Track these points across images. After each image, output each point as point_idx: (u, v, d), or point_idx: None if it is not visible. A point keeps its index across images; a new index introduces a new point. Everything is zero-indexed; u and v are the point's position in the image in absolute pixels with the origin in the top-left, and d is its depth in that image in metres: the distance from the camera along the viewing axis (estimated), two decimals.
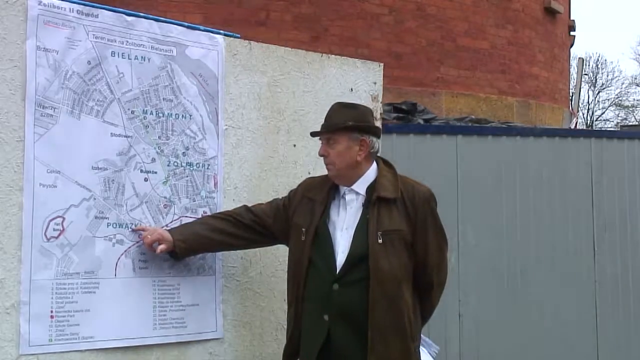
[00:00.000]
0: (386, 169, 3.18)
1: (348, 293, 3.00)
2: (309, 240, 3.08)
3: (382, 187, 3.07)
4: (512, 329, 5.73)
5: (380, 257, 2.98)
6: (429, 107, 7.67)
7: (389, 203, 3.05)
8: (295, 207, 3.20)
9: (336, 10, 8.14)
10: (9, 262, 2.83)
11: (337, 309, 3.00)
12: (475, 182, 5.66)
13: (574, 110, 12.30)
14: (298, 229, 3.13)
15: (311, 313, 3.07)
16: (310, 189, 3.21)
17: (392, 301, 2.98)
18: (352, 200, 3.12)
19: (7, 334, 2.81)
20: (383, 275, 2.97)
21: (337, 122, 3.12)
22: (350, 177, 3.12)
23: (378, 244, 2.99)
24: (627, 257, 6.27)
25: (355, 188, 3.12)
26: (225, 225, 3.20)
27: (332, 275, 3.03)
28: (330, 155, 3.09)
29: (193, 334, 3.28)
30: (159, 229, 3.15)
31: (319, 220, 3.10)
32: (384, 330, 2.96)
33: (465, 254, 5.54)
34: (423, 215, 3.08)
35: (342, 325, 3.00)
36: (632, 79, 39.19)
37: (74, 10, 3.04)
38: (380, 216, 3.02)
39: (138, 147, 3.18)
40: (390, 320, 2.97)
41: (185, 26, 3.40)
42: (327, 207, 3.13)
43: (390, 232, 3.01)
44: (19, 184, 2.87)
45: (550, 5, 10.59)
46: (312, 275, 3.07)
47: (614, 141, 6.37)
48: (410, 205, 3.07)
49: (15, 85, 2.87)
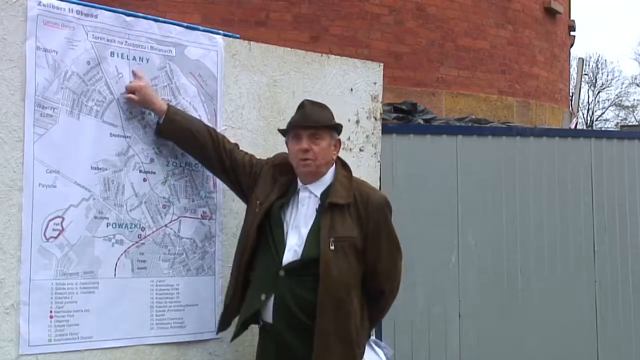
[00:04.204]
0: (343, 172, 3.17)
1: (293, 285, 3.01)
2: (260, 215, 3.10)
3: (336, 193, 3.07)
4: (512, 329, 5.72)
5: (331, 264, 2.98)
6: (429, 107, 7.66)
7: (342, 208, 3.05)
8: (261, 176, 3.21)
9: (336, 10, 8.14)
10: (8, 262, 2.83)
11: (279, 295, 3.01)
12: (475, 182, 5.65)
13: (574, 110, 12.29)
14: (254, 199, 3.15)
15: (253, 288, 3.10)
16: (278, 165, 3.22)
17: (339, 307, 2.99)
18: (305, 199, 3.12)
19: (6, 334, 2.81)
20: (332, 281, 2.98)
21: (321, 119, 3.11)
22: (318, 175, 3.12)
23: (330, 250, 2.99)
24: (627, 258, 6.26)
25: (311, 188, 3.12)
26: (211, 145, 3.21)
27: (280, 263, 3.04)
28: (314, 151, 3.07)
29: (192, 334, 3.29)
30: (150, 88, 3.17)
31: (273, 201, 3.11)
32: (328, 336, 2.97)
33: (465, 254, 5.53)
34: (376, 223, 3.08)
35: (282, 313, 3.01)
36: (632, 79, 39.33)
37: (74, 10, 3.04)
38: (333, 222, 3.03)
39: (137, 147, 3.18)
40: (337, 326, 2.99)
41: (185, 26, 3.40)
42: (286, 195, 3.14)
43: (342, 238, 3.02)
44: (19, 184, 2.87)
45: (550, 5, 10.59)
46: (263, 254, 3.09)
47: (614, 141, 6.35)
48: (364, 211, 3.07)
49: (15, 86, 2.87)
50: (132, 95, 3.13)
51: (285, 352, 3.03)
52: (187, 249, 3.31)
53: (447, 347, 5.46)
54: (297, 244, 3.05)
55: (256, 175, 3.22)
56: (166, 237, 3.25)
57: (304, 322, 2.98)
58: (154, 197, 3.23)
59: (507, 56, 9.70)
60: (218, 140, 3.24)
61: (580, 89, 13.59)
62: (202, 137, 3.21)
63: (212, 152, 3.22)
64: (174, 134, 3.21)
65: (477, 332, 5.57)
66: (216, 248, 3.40)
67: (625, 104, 38.26)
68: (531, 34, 10.19)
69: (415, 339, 5.32)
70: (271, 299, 3.03)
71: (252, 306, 3.08)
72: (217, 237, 3.41)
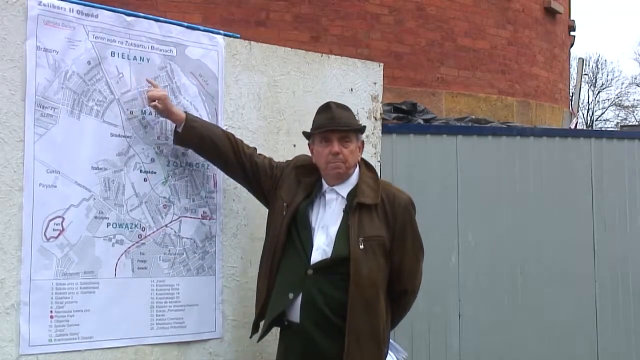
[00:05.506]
0: (368, 173, 3.20)
1: (321, 283, 3.02)
2: (288, 217, 3.12)
3: (363, 193, 3.10)
4: (512, 328, 5.72)
5: (361, 263, 3.01)
6: (429, 107, 7.66)
7: (370, 208, 3.09)
8: (284, 179, 3.22)
9: (336, 10, 8.14)
10: (8, 262, 2.83)
11: (307, 294, 3.03)
12: (475, 182, 5.66)
13: (574, 110, 12.29)
14: (281, 201, 3.17)
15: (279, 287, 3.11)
16: (300, 167, 3.24)
17: (369, 306, 3.03)
18: (332, 200, 3.15)
19: (7, 334, 2.81)
20: (363, 280, 3.01)
21: (351, 122, 3.15)
22: (345, 177, 3.15)
23: (359, 249, 3.02)
24: (627, 257, 6.27)
25: (338, 189, 3.15)
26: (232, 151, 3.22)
27: (308, 262, 3.06)
28: (344, 154, 3.10)
29: (192, 334, 3.28)
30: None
31: (299, 203, 3.13)
32: (360, 335, 3.00)
33: (465, 254, 5.54)
34: (402, 223, 3.12)
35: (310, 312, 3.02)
36: (632, 79, 39.28)
37: (74, 10, 3.04)
38: (362, 222, 3.06)
39: (137, 147, 3.18)
40: (367, 324, 3.02)
41: (185, 26, 3.40)
42: (310, 196, 3.16)
43: (371, 238, 3.05)
44: (19, 184, 2.87)
45: (550, 5, 10.59)
46: (290, 254, 3.11)
47: (614, 141, 6.36)
48: (391, 211, 3.11)
49: (15, 85, 2.87)
50: (157, 104, 3.13)
51: (312, 350, 3.04)
52: (188, 249, 3.31)
53: (447, 347, 5.46)
54: (325, 244, 3.07)
55: (277, 178, 3.24)
56: (166, 237, 3.25)
57: (331, 321, 3.01)
58: (155, 197, 3.23)
59: (507, 56, 9.70)
60: (237, 145, 3.25)
61: (580, 89, 13.59)
62: (222, 144, 3.21)
63: (232, 158, 3.23)
64: (192, 142, 3.21)
65: (477, 332, 5.57)
66: (216, 248, 3.40)
67: (625, 104, 38.26)
68: (531, 34, 10.19)
69: (415, 339, 5.32)
70: (298, 298, 3.05)
71: (279, 305, 3.10)
72: (218, 237, 3.40)
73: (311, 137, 3.20)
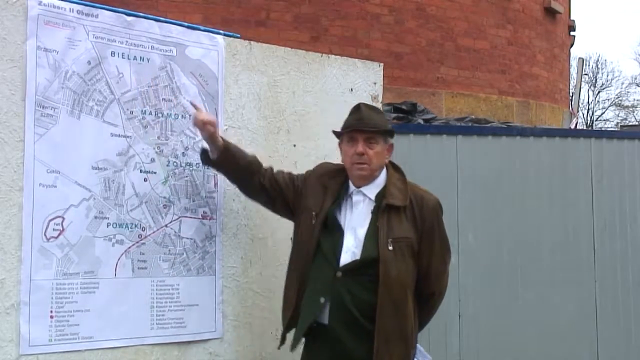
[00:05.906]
0: (396, 175, 3.21)
1: (350, 285, 3.02)
2: (318, 225, 3.11)
3: (392, 195, 3.11)
4: (512, 329, 5.72)
5: (390, 264, 3.01)
6: (429, 107, 7.66)
7: (398, 210, 3.09)
8: (308, 189, 3.22)
9: (336, 10, 8.14)
10: (9, 262, 2.83)
11: (336, 295, 3.02)
12: (475, 183, 5.65)
13: (574, 110, 12.29)
14: (309, 211, 3.16)
15: (310, 293, 3.09)
16: (324, 174, 3.25)
17: (398, 308, 3.03)
18: (359, 202, 3.15)
19: (7, 334, 2.81)
20: (392, 282, 3.01)
21: (378, 123, 3.15)
22: (371, 178, 3.15)
23: (388, 251, 3.02)
24: (627, 257, 6.27)
25: (365, 191, 3.15)
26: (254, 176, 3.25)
27: (337, 264, 3.05)
28: (369, 155, 3.11)
29: (192, 334, 3.28)
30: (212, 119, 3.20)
31: (328, 208, 3.13)
32: (389, 337, 3.00)
33: (465, 254, 5.53)
34: (430, 224, 3.13)
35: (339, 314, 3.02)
36: (632, 79, 39.30)
37: (74, 10, 3.04)
38: (390, 223, 3.06)
39: (137, 147, 3.18)
40: (396, 326, 3.02)
41: (185, 26, 3.40)
42: (338, 199, 3.16)
43: (400, 239, 3.05)
44: (19, 184, 2.87)
45: (550, 5, 10.59)
46: (318, 261, 3.10)
47: (614, 141, 6.36)
48: (419, 213, 3.11)
49: (15, 85, 2.87)
50: (210, 128, 3.14)
51: (340, 352, 3.03)
52: (188, 249, 3.31)
53: (447, 347, 5.46)
54: (354, 245, 3.07)
55: (298, 189, 3.25)
56: (167, 237, 3.25)
57: (360, 322, 3.01)
58: (155, 197, 3.23)
59: (507, 56, 9.70)
60: (260, 172, 3.26)
61: (580, 89, 13.59)
62: (249, 171, 3.24)
63: (256, 182, 3.25)
64: (223, 167, 3.24)
65: (477, 332, 5.57)
66: (217, 248, 3.40)
67: (625, 104, 38.29)
68: (531, 34, 10.19)
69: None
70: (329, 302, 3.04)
71: (312, 312, 3.08)
72: (218, 237, 3.40)
73: (341, 136, 3.21)
